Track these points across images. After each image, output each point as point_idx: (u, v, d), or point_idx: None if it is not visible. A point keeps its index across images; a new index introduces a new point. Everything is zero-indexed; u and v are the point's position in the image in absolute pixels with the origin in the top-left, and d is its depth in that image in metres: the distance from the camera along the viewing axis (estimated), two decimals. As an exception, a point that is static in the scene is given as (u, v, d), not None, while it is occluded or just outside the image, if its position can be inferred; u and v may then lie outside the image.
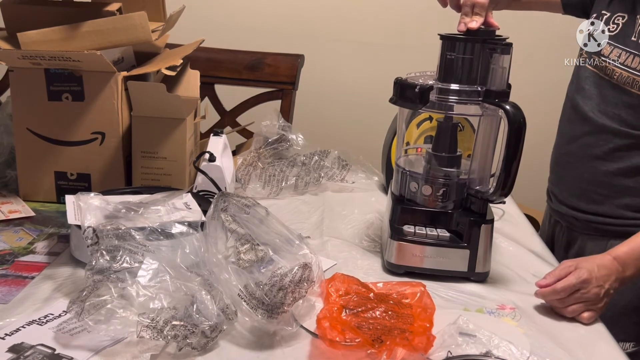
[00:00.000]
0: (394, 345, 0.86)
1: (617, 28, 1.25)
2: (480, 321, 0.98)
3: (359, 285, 1.02)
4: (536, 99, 1.76)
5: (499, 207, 1.34)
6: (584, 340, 0.98)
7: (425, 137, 1.32)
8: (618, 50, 1.24)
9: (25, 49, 1.26)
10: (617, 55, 1.24)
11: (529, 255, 1.26)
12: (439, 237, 1.12)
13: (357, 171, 1.61)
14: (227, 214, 0.97)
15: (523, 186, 1.39)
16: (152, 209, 1.08)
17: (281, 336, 0.93)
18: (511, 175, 1.07)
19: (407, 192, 1.18)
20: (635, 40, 1.21)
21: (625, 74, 1.22)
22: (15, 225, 1.23)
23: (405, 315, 0.96)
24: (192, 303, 0.88)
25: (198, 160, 1.35)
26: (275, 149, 1.57)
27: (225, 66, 1.84)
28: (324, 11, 2.29)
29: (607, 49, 1.27)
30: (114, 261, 0.91)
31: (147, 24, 1.30)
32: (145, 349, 0.86)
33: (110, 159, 1.33)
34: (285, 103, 1.83)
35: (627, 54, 1.22)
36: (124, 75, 1.30)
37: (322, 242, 1.26)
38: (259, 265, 0.93)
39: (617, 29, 1.26)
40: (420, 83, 1.08)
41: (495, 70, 1.08)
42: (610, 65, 1.25)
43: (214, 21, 2.23)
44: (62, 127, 1.31)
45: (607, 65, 1.26)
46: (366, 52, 2.32)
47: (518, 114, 1.05)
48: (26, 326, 0.91)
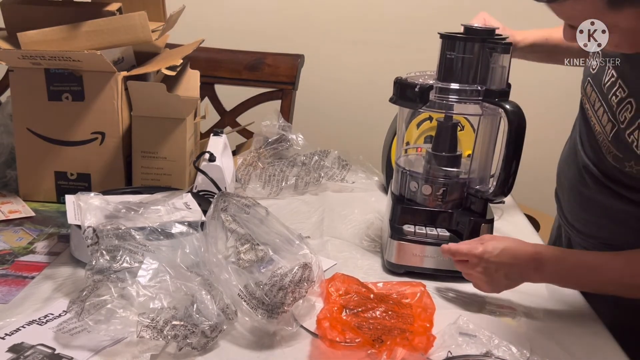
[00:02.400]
0: (394, 345, 0.86)
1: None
2: (480, 321, 0.98)
3: (359, 285, 1.02)
4: (536, 99, 1.75)
5: (498, 207, 1.34)
6: (584, 340, 0.98)
7: (425, 137, 1.32)
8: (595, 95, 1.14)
9: (25, 49, 1.26)
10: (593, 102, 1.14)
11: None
12: (439, 237, 1.12)
13: (357, 171, 1.61)
14: (227, 214, 0.97)
15: (523, 186, 1.39)
16: (152, 209, 1.08)
17: (281, 336, 0.93)
18: (511, 175, 1.07)
19: (407, 192, 1.18)
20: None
21: (597, 128, 1.12)
22: (15, 225, 1.23)
23: (405, 315, 0.96)
24: (192, 303, 0.88)
25: (198, 160, 1.35)
26: (275, 149, 1.57)
27: (225, 66, 1.83)
28: (324, 11, 2.29)
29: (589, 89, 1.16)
30: (114, 261, 0.91)
31: (147, 24, 1.30)
32: (145, 349, 0.86)
33: (110, 159, 1.33)
34: (285, 103, 1.83)
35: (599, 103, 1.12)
36: (124, 75, 1.30)
37: (322, 242, 1.26)
38: (259, 265, 0.93)
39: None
40: (420, 83, 1.08)
41: (495, 70, 1.08)
42: (588, 112, 1.16)
43: (214, 21, 2.23)
44: (62, 127, 1.31)
45: (587, 108, 1.18)
46: (366, 52, 2.32)
47: (518, 114, 1.05)
48: (26, 326, 0.91)
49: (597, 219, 1.19)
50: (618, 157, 1.07)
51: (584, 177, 1.19)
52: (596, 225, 1.20)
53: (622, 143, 1.04)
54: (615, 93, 1.06)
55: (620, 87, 1.05)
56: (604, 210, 1.16)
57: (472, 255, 1.03)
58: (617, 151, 1.06)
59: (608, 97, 1.08)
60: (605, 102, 1.09)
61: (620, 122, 1.04)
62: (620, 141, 1.04)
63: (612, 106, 1.07)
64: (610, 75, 1.08)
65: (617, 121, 1.05)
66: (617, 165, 1.08)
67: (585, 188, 1.19)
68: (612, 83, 1.07)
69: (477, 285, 1.06)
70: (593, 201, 1.18)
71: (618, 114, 1.04)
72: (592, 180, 1.17)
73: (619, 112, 1.04)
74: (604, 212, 1.17)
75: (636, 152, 1.01)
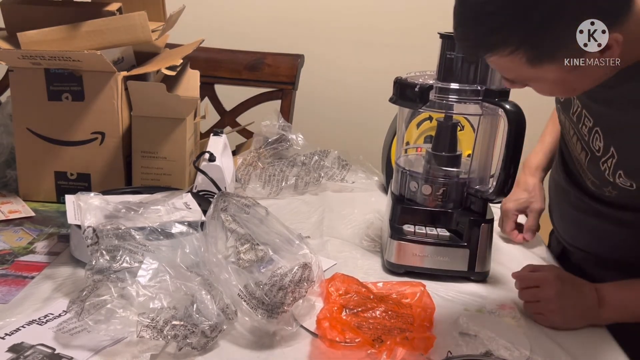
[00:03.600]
0: (394, 345, 0.86)
1: None
2: (480, 321, 0.98)
3: (358, 285, 1.02)
4: (536, 99, 1.75)
5: (498, 206, 1.34)
6: (584, 340, 0.98)
7: (425, 136, 1.32)
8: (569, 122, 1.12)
9: (25, 49, 1.26)
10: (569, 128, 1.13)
11: (529, 255, 1.26)
12: (438, 237, 1.12)
13: (357, 171, 1.61)
14: (227, 214, 0.97)
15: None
16: (152, 209, 1.08)
17: (281, 336, 0.93)
18: (511, 175, 1.07)
19: (407, 192, 1.18)
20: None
21: (574, 154, 1.12)
22: (15, 225, 1.23)
23: (405, 315, 0.96)
24: (192, 303, 0.88)
25: (198, 160, 1.35)
26: (275, 149, 1.57)
27: (225, 66, 1.83)
28: (324, 11, 2.29)
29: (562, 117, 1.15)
30: (114, 261, 0.91)
31: (147, 24, 1.30)
32: (145, 348, 0.86)
33: (110, 159, 1.33)
34: (285, 103, 1.83)
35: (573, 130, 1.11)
36: (124, 75, 1.30)
37: (322, 242, 1.26)
38: (259, 265, 0.93)
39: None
40: (420, 82, 1.08)
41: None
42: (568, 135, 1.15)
43: (214, 21, 2.23)
44: (62, 127, 1.31)
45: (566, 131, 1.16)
46: (366, 52, 2.32)
47: (518, 114, 1.05)
48: (26, 326, 0.91)
49: (583, 235, 1.18)
50: (596, 184, 1.07)
51: (569, 196, 1.18)
52: (584, 240, 1.19)
53: (597, 170, 1.04)
54: (584, 122, 1.06)
55: (586, 116, 1.05)
56: (589, 228, 1.15)
57: (532, 279, 1.02)
58: (594, 178, 1.06)
59: (579, 126, 1.08)
60: (577, 131, 1.09)
61: (595, 150, 1.03)
62: (596, 169, 1.04)
63: (583, 135, 1.07)
64: (576, 105, 1.08)
65: (590, 150, 1.05)
66: (597, 190, 1.08)
67: (569, 206, 1.19)
68: (579, 113, 1.07)
69: (549, 317, 1.01)
70: (577, 218, 1.17)
71: (591, 143, 1.04)
72: (576, 199, 1.16)
73: (592, 142, 1.04)
74: (589, 230, 1.16)
75: (609, 179, 1.01)
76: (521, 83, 0.94)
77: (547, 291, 1.01)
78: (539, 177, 1.32)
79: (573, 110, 1.09)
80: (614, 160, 0.99)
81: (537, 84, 0.93)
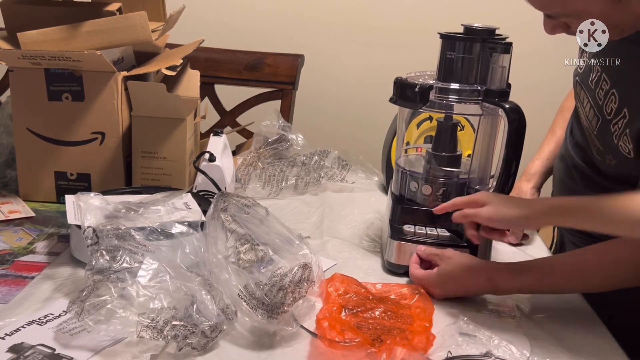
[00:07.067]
0: (393, 344, 0.86)
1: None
2: (480, 321, 0.98)
3: (358, 286, 1.02)
4: (536, 99, 1.75)
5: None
6: (584, 340, 0.98)
7: (425, 137, 1.32)
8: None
9: (25, 49, 1.26)
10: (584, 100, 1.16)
11: (529, 254, 1.26)
12: (438, 237, 1.12)
13: (357, 171, 1.61)
14: (227, 214, 0.97)
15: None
16: (152, 209, 1.08)
17: (281, 336, 0.93)
18: (511, 175, 1.07)
19: (407, 192, 1.18)
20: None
21: (585, 124, 1.15)
22: (15, 225, 1.23)
23: (404, 316, 0.96)
24: (192, 303, 0.88)
25: (198, 160, 1.35)
26: (275, 149, 1.57)
27: (225, 66, 1.84)
28: (324, 11, 2.29)
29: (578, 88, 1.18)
30: (114, 261, 0.91)
31: (147, 24, 1.30)
32: (145, 349, 0.86)
33: (110, 159, 1.33)
34: (285, 103, 1.83)
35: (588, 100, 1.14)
36: (124, 75, 1.30)
37: (322, 242, 1.26)
38: (259, 265, 0.93)
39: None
40: (420, 83, 1.08)
41: (495, 70, 1.08)
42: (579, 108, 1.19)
43: (214, 21, 2.23)
44: (62, 127, 1.31)
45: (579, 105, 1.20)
46: (366, 52, 2.32)
47: (518, 114, 1.05)
48: (26, 326, 0.91)
49: None
50: (600, 151, 1.09)
51: (572, 172, 1.21)
52: None
53: (605, 135, 1.06)
54: (601, 86, 1.08)
55: (604, 80, 1.07)
56: None
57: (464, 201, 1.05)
58: (600, 144, 1.09)
59: (595, 92, 1.10)
60: (592, 98, 1.11)
61: (606, 113, 1.06)
62: (604, 134, 1.06)
63: (598, 101, 1.09)
64: (595, 71, 1.10)
65: (602, 114, 1.07)
66: (600, 158, 1.10)
67: (572, 182, 1.21)
68: (598, 78, 1.09)
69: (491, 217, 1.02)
70: (579, 194, 1.19)
71: (604, 107, 1.06)
72: (578, 175, 1.19)
73: (605, 105, 1.06)
74: None
75: (614, 143, 1.03)
76: (564, 18, 0.95)
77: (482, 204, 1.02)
78: (534, 182, 1.36)
79: (592, 77, 1.11)
80: (624, 121, 1.01)
81: (580, 21, 0.94)
